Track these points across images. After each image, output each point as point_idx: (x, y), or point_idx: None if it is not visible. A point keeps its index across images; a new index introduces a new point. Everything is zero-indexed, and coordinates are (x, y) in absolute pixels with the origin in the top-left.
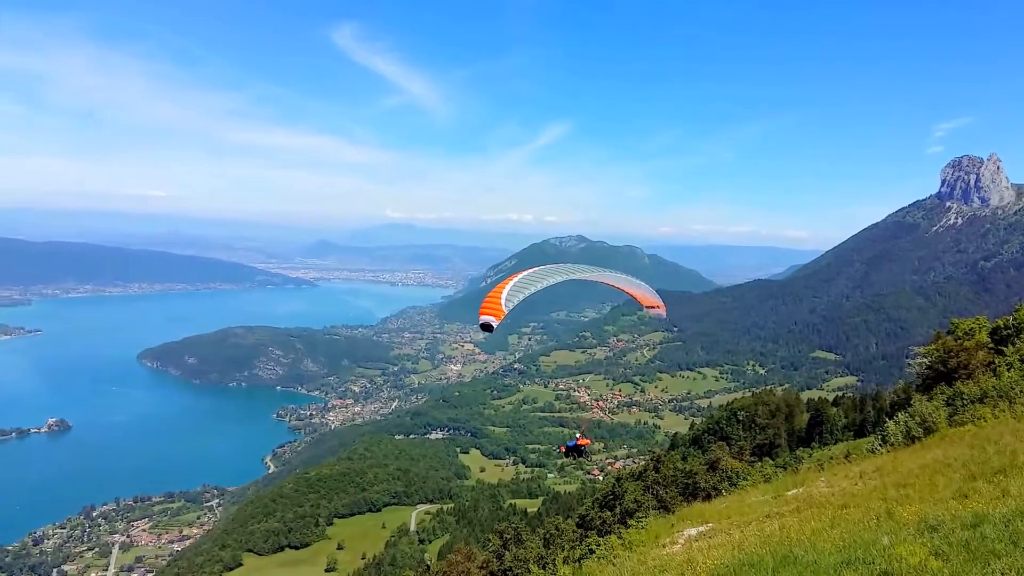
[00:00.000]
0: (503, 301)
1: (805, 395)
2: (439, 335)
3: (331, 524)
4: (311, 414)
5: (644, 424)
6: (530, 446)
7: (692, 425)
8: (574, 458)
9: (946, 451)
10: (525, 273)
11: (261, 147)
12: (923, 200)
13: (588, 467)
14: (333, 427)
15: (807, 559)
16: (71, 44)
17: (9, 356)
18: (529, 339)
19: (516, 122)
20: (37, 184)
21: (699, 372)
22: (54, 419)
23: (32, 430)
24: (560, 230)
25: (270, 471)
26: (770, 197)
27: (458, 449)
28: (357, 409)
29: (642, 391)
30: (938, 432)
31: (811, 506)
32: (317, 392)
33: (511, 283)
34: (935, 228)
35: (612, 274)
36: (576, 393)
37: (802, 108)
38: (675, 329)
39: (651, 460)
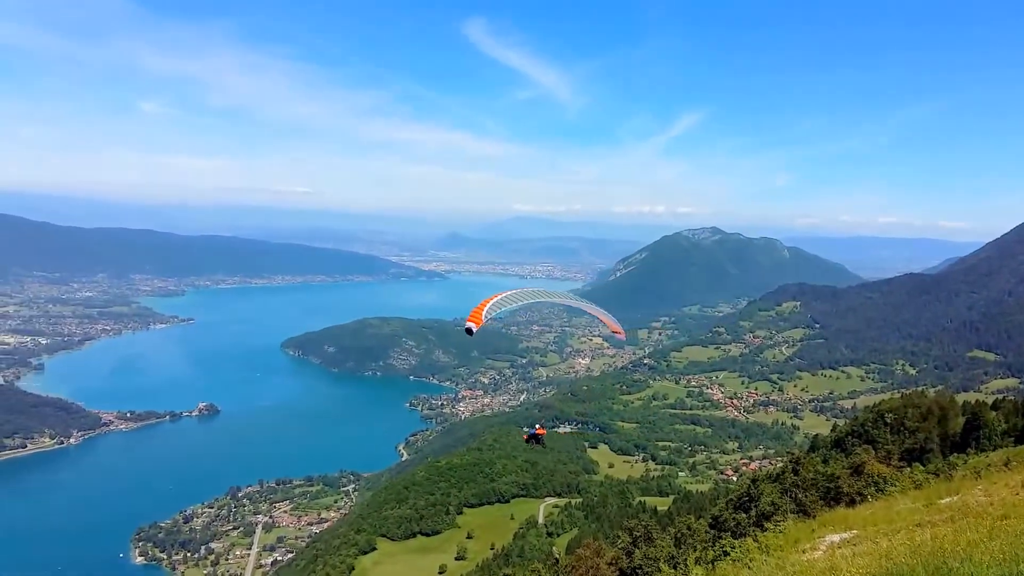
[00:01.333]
0: (484, 313)
1: (961, 397)
2: (567, 328)
3: (461, 513)
4: (442, 404)
5: (782, 425)
6: (660, 443)
7: (834, 427)
8: (532, 445)
9: None
10: (508, 293)
11: (397, 143)
12: None
13: (721, 467)
14: (463, 417)
15: (963, 572)
16: (222, 48)
17: (164, 343)
18: (660, 333)
19: (648, 112)
20: (191, 181)
21: (843, 371)
22: (204, 403)
23: (184, 413)
24: (694, 221)
25: (403, 458)
26: (925, 185)
27: (586, 443)
28: (486, 400)
29: (780, 390)
30: None
31: (967, 515)
32: (448, 382)
33: (495, 299)
34: None
35: (582, 302)
36: (709, 390)
37: (964, 90)
38: (817, 326)
39: (789, 462)
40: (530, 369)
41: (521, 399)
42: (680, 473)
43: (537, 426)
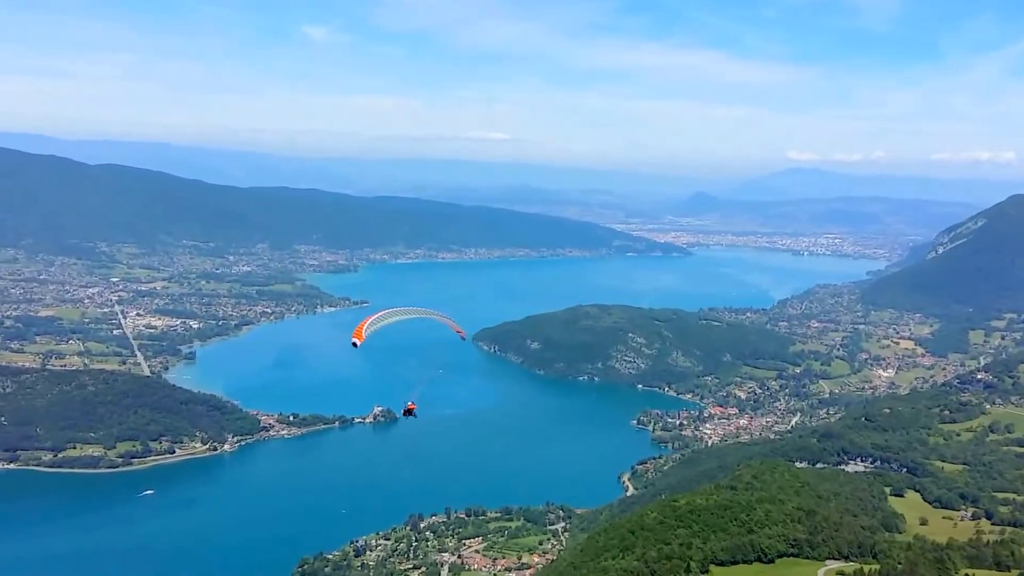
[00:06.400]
0: (365, 328)
1: None
2: (862, 326)
3: (706, 572)
4: (681, 423)
5: None
6: (999, 494)
7: None
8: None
9: None
10: (392, 310)
11: (624, 71)
12: None
13: None
14: (710, 443)
15: None
16: None
17: (334, 331)
18: (1003, 337)
19: (989, 15)
20: (365, 128)
21: None
22: (380, 408)
23: (356, 419)
24: None
25: (628, 493)
26: None
27: (888, 489)
28: (742, 422)
29: None
30: None
31: None
32: (689, 395)
33: (378, 315)
34: None
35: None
36: None
37: None
38: None
39: None
40: (806, 381)
41: (792, 422)
42: None
43: (409, 402)
